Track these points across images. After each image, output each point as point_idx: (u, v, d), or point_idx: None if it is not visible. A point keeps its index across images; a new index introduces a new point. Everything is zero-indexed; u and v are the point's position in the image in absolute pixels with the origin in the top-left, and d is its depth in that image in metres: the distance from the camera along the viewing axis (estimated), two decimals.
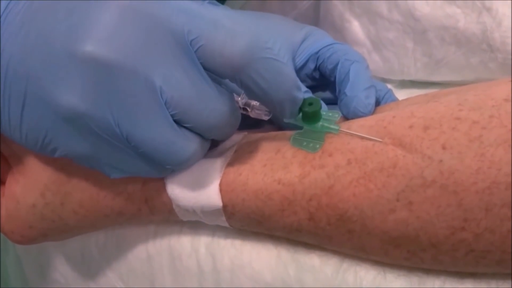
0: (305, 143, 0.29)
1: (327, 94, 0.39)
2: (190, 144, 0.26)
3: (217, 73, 0.25)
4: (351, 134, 0.28)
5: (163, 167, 0.27)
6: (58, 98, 0.24)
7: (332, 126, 0.29)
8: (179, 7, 0.24)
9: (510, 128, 0.24)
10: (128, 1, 0.24)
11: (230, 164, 0.29)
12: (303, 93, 0.35)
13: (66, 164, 0.30)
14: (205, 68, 0.25)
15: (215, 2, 0.43)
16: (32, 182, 0.31)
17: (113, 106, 0.24)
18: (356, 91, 0.32)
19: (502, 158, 0.23)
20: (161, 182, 0.29)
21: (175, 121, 0.25)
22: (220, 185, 0.29)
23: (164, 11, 0.24)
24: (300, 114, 0.30)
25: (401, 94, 0.45)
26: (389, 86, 0.46)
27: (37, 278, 0.42)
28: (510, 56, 0.37)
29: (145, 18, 0.24)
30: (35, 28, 0.24)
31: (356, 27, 0.46)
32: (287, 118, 0.29)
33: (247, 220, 0.29)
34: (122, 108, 0.24)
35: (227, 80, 0.26)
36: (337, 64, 0.35)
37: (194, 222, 0.32)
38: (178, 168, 0.28)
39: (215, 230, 0.33)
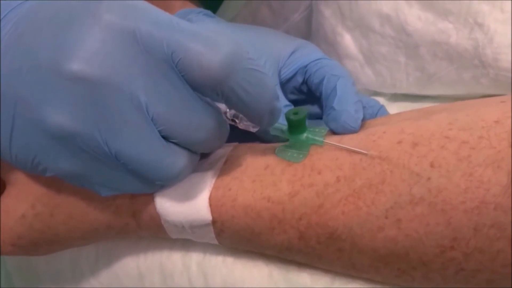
0: (289, 154, 0.29)
1: (316, 109, 0.38)
2: (179, 159, 0.26)
3: (198, 86, 0.25)
4: (336, 147, 0.28)
5: (153, 183, 0.27)
6: (46, 118, 0.24)
7: (316, 138, 0.29)
8: (160, 22, 0.24)
9: (499, 149, 0.24)
10: (109, 19, 0.24)
11: (219, 178, 0.29)
12: (284, 106, 0.35)
13: (56, 177, 0.30)
14: (187, 82, 0.25)
15: (209, 12, 0.43)
16: (23, 194, 0.31)
17: (100, 124, 0.24)
18: (345, 105, 0.31)
19: (491, 178, 0.23)
20: (149, 196, 0.29)
21: (162, 136, 0.25)
22: (210, 199, 0.28)
23: (145, 27, 0.24)
24: (287, 126, 0.30)
25: (393, 107, 0.45)
26: (381, 99, 0.46)
27: None
28: (501, 72, 0.37)
29: (128, 35, 0.24)
30: (21, 51, 0.24)
31: (348, 41, 0.46)
32: (263, 128, 0.28)
33: (237, 238, 0.29)
34: (110, 126, 0.24)
35: None
36: (322, 79, 0.34)
37: (185, 238, 0.32)
38: (169, 183, 0.28)
39: (206, 247, 0.32)
